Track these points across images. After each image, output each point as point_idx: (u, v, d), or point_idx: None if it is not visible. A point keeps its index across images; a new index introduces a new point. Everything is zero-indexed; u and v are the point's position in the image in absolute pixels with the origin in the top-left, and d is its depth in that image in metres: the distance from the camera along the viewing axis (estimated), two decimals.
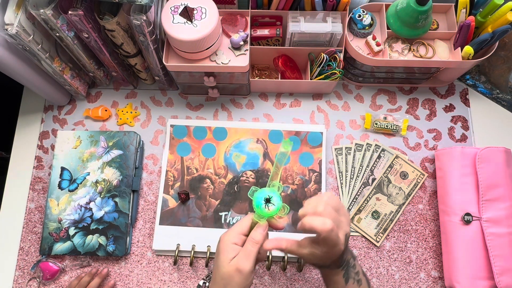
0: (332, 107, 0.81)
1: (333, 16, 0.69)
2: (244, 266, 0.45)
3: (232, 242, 0.47)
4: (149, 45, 0.64)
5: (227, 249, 0.47)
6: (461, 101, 0.82)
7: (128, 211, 0.72)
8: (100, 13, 0.61)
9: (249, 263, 0.45)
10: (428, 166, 0.78)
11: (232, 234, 0.48)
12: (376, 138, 0.79)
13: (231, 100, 0.82)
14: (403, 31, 0.70)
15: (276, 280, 0.71)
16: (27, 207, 0.76)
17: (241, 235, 0.48)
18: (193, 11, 0.62)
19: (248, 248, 0.46)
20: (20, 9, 0.58)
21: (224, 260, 0.46)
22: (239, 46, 0.68)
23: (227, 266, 0.46)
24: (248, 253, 0.46)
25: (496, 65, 0.79)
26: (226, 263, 0.46)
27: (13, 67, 0.64)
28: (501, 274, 0.63)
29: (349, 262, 0.52)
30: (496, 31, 0.65)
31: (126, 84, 0.83)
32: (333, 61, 0.72)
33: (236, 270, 0.45)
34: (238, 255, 0.46)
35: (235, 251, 0.47)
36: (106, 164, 0.74)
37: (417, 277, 0.72)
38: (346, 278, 0.51)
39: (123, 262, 0.72)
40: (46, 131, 0.80)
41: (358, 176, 0.76)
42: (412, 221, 0.74)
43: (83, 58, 0.70)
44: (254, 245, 0.46)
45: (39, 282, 0.71)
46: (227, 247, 0.47)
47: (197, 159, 0.76)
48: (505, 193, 0.66)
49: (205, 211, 0.73)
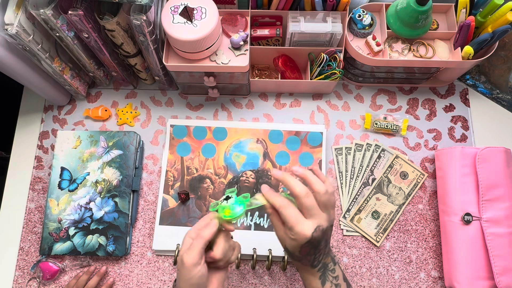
0: (332, 107, 0.81)
1: (333, 16, 0.69)
2: (187, 259, 0.47)
3: (189, 236, 0.49)
4: (149, 45, 0.64)
5: (184, 242, 0.49)
6: (461, 101, 0.82)
7: (128, 211, 0.72)
8: (100, 13, 0.61)
9: (191, 256, 0.47)
10: (428, 166, 0.78)
11: (193, 229, 0.50)
12: (376, 138, 0.79)
13: (231, 100, 0.82)
14: (403, 31, 0.70)
15: (276, 280, 0.71)
16: (27, 207, 0.76)
17: (199, 231, 0.50)
18: (193, 11, 0.62)
19: (194, 243, 0.48)
20: (20, 9, 0.58)
21: (181, 252, 0.48)
22: (239, 46, 0.68)
23: (178, 258, 0.49)
24: (194, 247, 0.47)
25: (496, 65, 0.79)
26: (180, 255, 0.48)
27: (13, 67, 0.64)
28: (501, 274, 0.63)
29: (327, 265, 0.53)
30: (496, 31, 0.65)
31: (126, 84, 0.83)
32: (333, 61, 0.72)
33: (181, 262, 0.47)
34: (182, 248, 0.48)
35: (189, 245, 0.48)
36: (106, 164, 0.74)
37: (417, 277, 0.72)
38: (322, 280, 0.52)
39: (123, 262, 0.72)
40: (46, 131, 0.80)
41: (358, 176, 0.76)
42: (412, 221, 0.74)
43: (83, 58, 0.70)
44: (198, 240, 0.48)
45: (39, 282, 0.71)
46: (185, 241, 0.49)
47: (197, 159, 0.76)
48: (505, 193, 0.66)
49: (205, 211, 0.73)
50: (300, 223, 0.47)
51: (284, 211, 0.48)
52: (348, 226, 0.74)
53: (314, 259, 0.51)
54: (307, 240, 0.48)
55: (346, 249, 0.73)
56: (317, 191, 0.49)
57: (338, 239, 0.74)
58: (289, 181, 0.49)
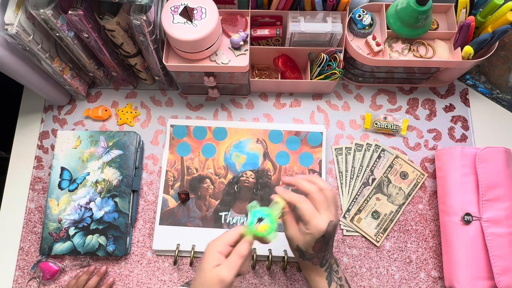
0: (332, 107, 0.81)
1: (333, 16, 0.69)
2: (226, 276, 0.46)
3: (217, 250, 0.48)
4: (149, 45, 0.64)
5: (212, 256, 0.48)
6: (461, 101, 0.82)
7: (128, 211, 0.72)
8: (100, 13, 0.61)
9: (231, 274, 0.46)
10: (428, 166, 0.78)
11: (219, 243, 0.49)
12: (376, 138, 0.79)
13: (231, 100, 0.82)
14: (403, 31, 0.70)
15: (276, 280, 0.71)
16: (27, 207, 0.76)
17: (227, 246, 0.49)
18: (193, 11, 0.62)
19: (233, 259, 0.47)
20: (20, 9, 0.58)
21: (208, 266, 0.47)
22: (239, 46, 0.68)
23: (209, 272, 0.47)
24: (232, 264, 0.47)
25: (496, 65, 0.79)
26: (209, 269, 0.47)
27: (13, 67, 0.64)
28: (501, 274, 0.63)
29: (332, 266, 0.56)
30: (496, 31, 0.65)
31: (126, 84, 0.83)
32: (333, 61, 0.72)
33: (217, 278, 0.46)
34: (222, 265, 0.47)
35: (219, 260, 0.48)
36: (106, 164, 0.74)
37: (417, 277, 0.72)
38: (329, 281, 0.55)
39: (123, 262, 0.72)
40: (46, 131, 0.80)
41: (358, 176, 0.76)
42: (412, 221, 0.74)
43: (83, 58, 0.70)
44: (239, 258, 0.47)
45: (39, 282, 0.71)
46: (212, 254, 0.48)
47: (197, 159, 0.76)
48: (505, 193, 0.66)
49: (205, 211, 0.73)
50: (316, 216, 0.50)
51: (301, 206, 0.51)
52: (348, 226, 0.74)
53: (323, 256, 0.54)
54: (322, 234, 0.50)
55: (346, 249, 0.73)
56: (322, 188, 0.53)
57: (338, 239, 0.74)
58: (299, 182, 0.54)
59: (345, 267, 0.72)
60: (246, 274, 0.72)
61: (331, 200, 0.53)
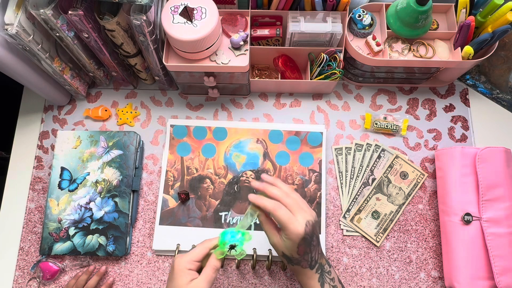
0: (332, 107, 0.81)
1: (333, 16, 0.69)
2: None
3: (187, 268, 0.51)
4: (149, 45, 0.64)
5: (183, 273, 0.51)
6: (461, 101, 0.82)
7: (128, 211, 0.72)
8: (100, 13, 0.61)
9: (208, 286, 0.50)
10: (428, 166, 0.78)
11: (187, 260, 0.52)
12: (376, 138, 0.79)
13: (231, 100, 0.82)
14: (403, 31, 0.70)
15: (276, 280, 0.71)
16: (27, 207, 0.76)
17: (195, 262, 0.52)
18: (193, 11, 0.62)
19: (208, 272, 0.51)
20: (20, 9, 0.58)
21: (182, 283, 0.50)
22: (239, 46, 0.68)
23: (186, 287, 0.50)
24: (209, 277, 0.50)
25: (496, 65, 0.79)
26: (184, 285, 0.49)
27: (13, 67, 0.64)
28: (501, 274, 0.63)
29: (324, 266, 0.56)
30: (496, 31, 0.65)
31: (126, 84, 0.83)
32: (333, 61, 0.72)
33: None
34: (199, 278, 0.50)
35: (191, 275, 0.50)
36: (106, 164, 0.74)
37: (417, 277, 0.72)
38: (321, 282, 0.55)
39: (123, 262, 0.72)
40: (46, 131, 0.80)
41: (358, 176, 0.76)
42: (412, 221, 0.74)
43: (83, 58, 0.70)
44: (214, 271, 0.51)
45: (39, 282, 0.71)
46: (183, 272, 0.51)
47: (197, 159, 0.76)
48: (505, 193, 0.66)
49: (205, 211, 0.73)
50: (292, 221, 0.51)
51: (277, 212, 0.51)
52: (348, 226, 0.74)
53: (311, 258, 0.54)
54: (301, 237, 0.50)
55: (346, 249, 0.73)
56: (286, 191, 0.54)
57: (338, 239, 0.74)
58: (267, 188, 0.54)
59: (345, 267, 0.72)
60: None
61: (300, 200, 0.54)
